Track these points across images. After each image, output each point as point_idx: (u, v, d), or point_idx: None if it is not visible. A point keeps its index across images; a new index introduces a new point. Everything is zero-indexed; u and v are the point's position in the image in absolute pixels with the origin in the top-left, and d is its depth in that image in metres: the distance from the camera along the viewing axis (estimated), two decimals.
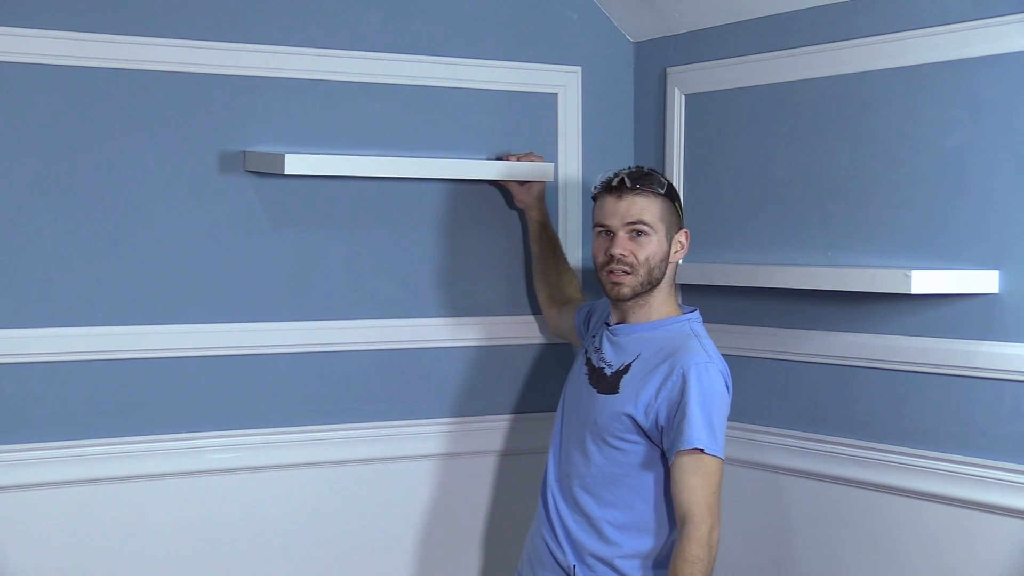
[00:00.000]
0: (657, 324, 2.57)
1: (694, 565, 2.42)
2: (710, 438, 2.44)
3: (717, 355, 2.54)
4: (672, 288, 2.62)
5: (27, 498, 2.64)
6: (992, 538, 2.47)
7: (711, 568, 2.46)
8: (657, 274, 2.55)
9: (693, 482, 2.44)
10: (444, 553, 3.07)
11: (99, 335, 2.67)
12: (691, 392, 2.45)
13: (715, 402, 2.47)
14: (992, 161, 2.44)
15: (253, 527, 2.85)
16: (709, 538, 2.43)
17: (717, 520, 2.46)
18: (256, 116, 2.79)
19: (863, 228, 2.66)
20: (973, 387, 2.49)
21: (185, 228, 2.74)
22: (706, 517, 2.44)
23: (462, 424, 3.04)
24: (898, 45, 2.58)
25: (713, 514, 2.45)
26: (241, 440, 2.82)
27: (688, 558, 2.42)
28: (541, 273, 3.01)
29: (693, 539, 2.43)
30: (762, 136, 2.88)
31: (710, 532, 2.44)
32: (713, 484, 2.45)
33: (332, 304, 2.89)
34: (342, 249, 2.90)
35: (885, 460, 2.64)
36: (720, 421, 2.48)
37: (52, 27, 2.59)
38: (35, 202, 2.61)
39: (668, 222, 2.56)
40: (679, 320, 2.58)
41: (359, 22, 2.90)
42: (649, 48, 3.17)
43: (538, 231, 3.00)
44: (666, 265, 2.57)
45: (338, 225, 2.90)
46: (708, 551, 2.43)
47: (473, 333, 3.05)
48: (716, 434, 2.45)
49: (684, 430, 2.43)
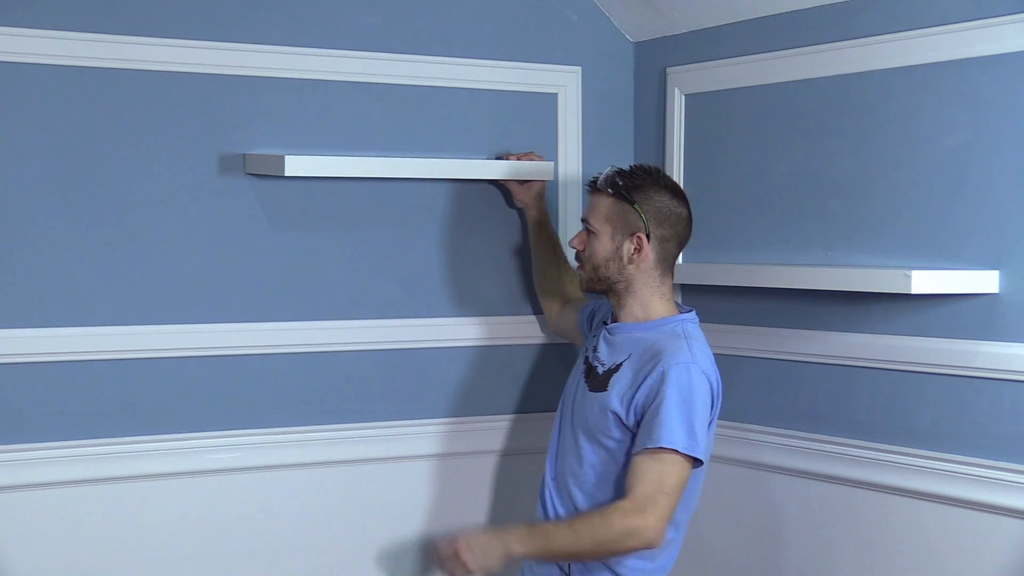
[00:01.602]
0: (651, 324, 2.56)
1: (597, 531, 2.39)
2: (688, 438, 2.40)
3: (705, 357, 2.50)
4: (662, 289, 2.56)
5: (27, 498, 2.64)
6: (992, 538, 2.47)
7: (609, 552, 2.42)
8: (604, 273, 2.55)
9: (652, 471, 2.39)
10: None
11: (99, 335, 2.67)
12: (668, 390, 2.41)
13: (694, 403, 2.42)
14: (992, 161, 2.44)
15: (253, 527, 2.85)
16: (636, 527, 2.37)
17: (659, 520, 2.38)
18: (256, 116, 2.79)
19: (863, 228, 2.66)
20: (973, 387, 2.49)
21: (185, 228, 2.74)
22: (647, 506, 2.38)
23: (462, 424, 3.04)
24: (898, 45, 2.58)
25: (658, 509, 2.38)
26: (241, 440, 2.82)
27: (598, 522, 2.39)
28: (541, 271, 3.01)
29: (623, 512, 2.38)
30: (762, 136, 2.88)
31: (643, 522, 2.37)
32: (673, 482, 2.40)
33: (332, 304, 2.89)
34: (342, 249, 2.90)
35: (885, 460, 2.64)
36: (700, 422, 2.42)
37: (52, 27, 2.59)
38: (35, 202, 2.61)
39: (615, 224, 2.54)
40: (672, 320, 2.55)
41: (359, 22, 2.90)
42: (649, 48, 3.17)
43: (537, 230, 3.00)
44: (619, 266, 2.54)
45: (338, 226, 2.89)
46: (624, 537, 2.38)
47: (473, 333, 3.04)
48: (695, 434, 2.41)
49: (655, 428, 2.40)
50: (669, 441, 2.38)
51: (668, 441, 2.38)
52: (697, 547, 3.08)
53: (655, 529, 2.39)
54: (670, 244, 2.56)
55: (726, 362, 2.97)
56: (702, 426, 2.43)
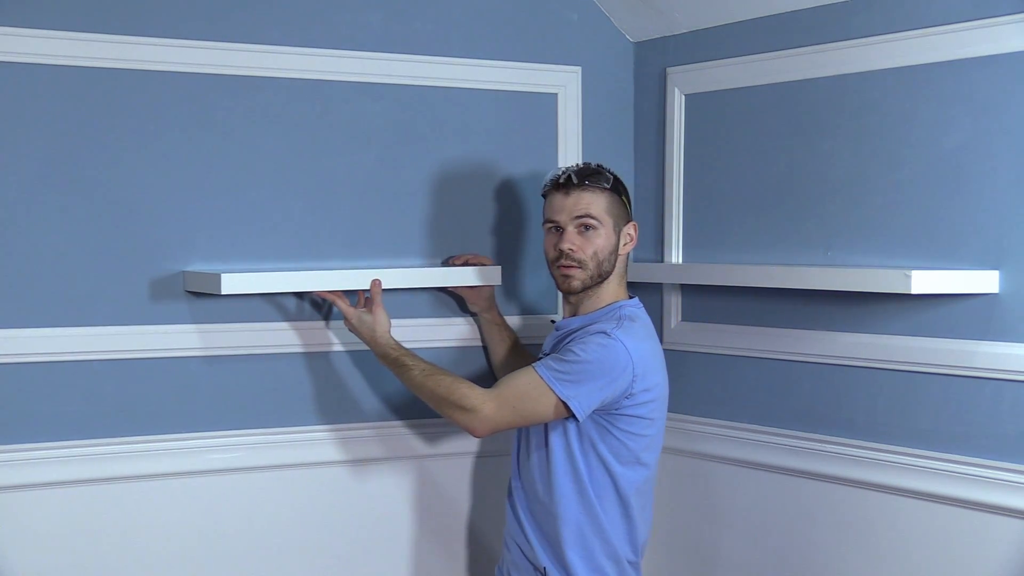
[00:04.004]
0: (599, 312, 2.61)
1: (443, 386, 2.54)
2: (562, 379, 2.46)
3: (633, 335, 2.53)
4: (622, 279, 2.66)
5: (27, 498, 2.64)
6: (992, 538, 2.47)
7: (438, 408, 2.56)
8: (607, 267, 2.61)
9: (522, 381, 2.49)
10: (446, 553, 3.07)
11: (99, 335, 2.67)
12: (576, 344, 2.49)
13: (591, 363, 2.46)
14: (991, 161, 2.44)
15: (253, 527, 2.85)
16: (472, 406, 2.49)
17: (492, 417, 2.49)
18: (257, 116, 2.79)
19: (862, 228, 2.66)
20: (973, 387, 2.49)
21: (185, 227, 2.74)
22: (496, 401, 2.49)
23: None
24: (898, 45, 2.58)
25: (499, 409, 2.49)
26: (241, 440, 2.82)
27: (448, 381, 2.54)
28: (502, 363, 2.98)
29: (472, 391, 2.51)
30: (762, 136, 2.88)
31: (481, 408, 2.49)
32: (528, 404, 2.48)
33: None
34: (343, 249, 2.90)
35: (885, 460, 2.64)
36: (589, 381, 2.46)
37: (52, 27, 2.59)
38: (35, 202, 2.61)
39: (615, 215, 2.62)
40: (614, 306, 2.61)
41: (359, 22, 2.90)
42: (649, 48, 3.17)
43: (495, 332, 2.98)
44: (615, 257, 2.62)
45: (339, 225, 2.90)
46: (456, 406, 2.51)
47: (470, 333, 3.04)
48: (576, 385, 2.45)
49: (548, 358, 2.52)
50: (545, 367, 2.48)
51: (544, 367, 2.48)
52: (696, 547, 3.08)
53: (483, 422, 2.50)
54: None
55: (726, 362, 2.98)
56: (589, 387, 2.46)
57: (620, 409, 2.52)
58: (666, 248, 3.10)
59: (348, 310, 2.73)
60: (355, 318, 2.72)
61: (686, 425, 3.04)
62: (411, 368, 2.62)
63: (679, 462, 3.07)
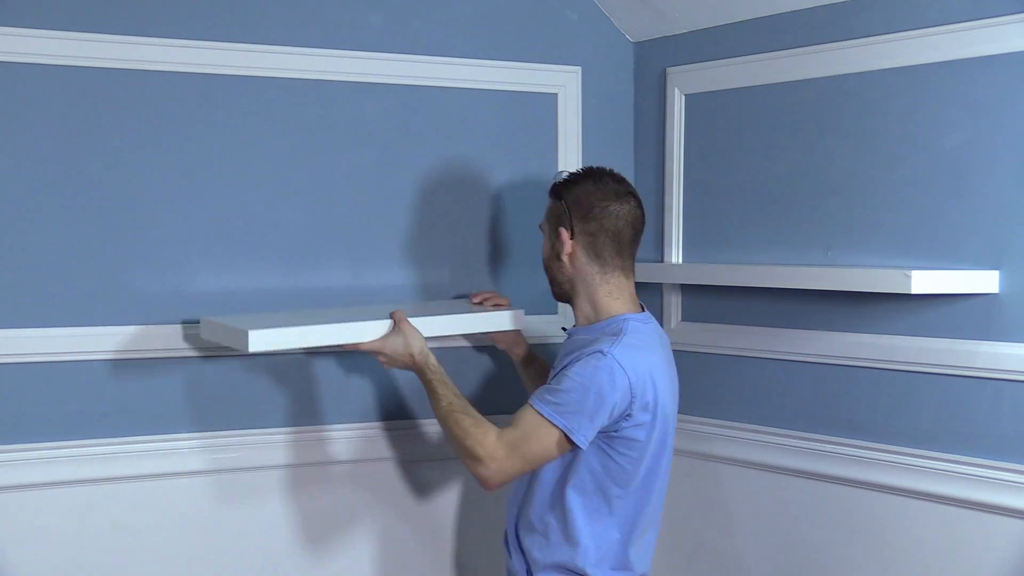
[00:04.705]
0: (597, 326, 2.49)
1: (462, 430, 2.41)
2: (561, 411, 2.35)
3: (630, 352, 2.38)
4: (606, 287, 2.49)
5: (27, 498, 2.64)
6: (992, 538, 2.47)
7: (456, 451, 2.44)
8: (551, 275, 2.55)
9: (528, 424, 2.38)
10: (448, 553, 3.07)
11: (99, 335, 2.67)
12: (573, 368, 2.37)
13: (588, 388, 2.34)
14: (991, 161, 2.44)
15: (253, 527, 2.85)
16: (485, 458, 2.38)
17: (501, 471, 2.39)
18: (256, 116, 2.79)
19: (862, 228, 2.66)
20: (973, 387, 2.49)
21: (185, 228, 2.74)
22: (507, 452, 2.39)
23: None
24: (898, 45, 2.58)
25: (508, 462, 2.38)
26: (241, 440, 2.82)
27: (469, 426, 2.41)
28: None
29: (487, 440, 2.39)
30: (762, 136, 2.88)
31: (492, 462, 2.39)
32: (534, 447, 2.38)
33: (333, 303, 2.88)
34: (343, 249, 2.90)
35: (885, 460, 2.64)
36: (588, 410, 2.34)
37: (52, 27, 2.60)
38: (35, 202, 2.61)
39: (551, 223, 2.53)
40: (617, 319, 2.47)
41: (359, 22, 2.90)
42: (649, 48, 3.17)
43: (525, 368, 2.91)
44: (559, 266, 2.52)
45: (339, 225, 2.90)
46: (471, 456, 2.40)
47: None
48: (575, 411, 2.34)
49: (543, 387, 2.41)
50: (542, 401, 2.37)
51: (540, 402, 2.37)
52: (695, 547, 3.08)
53: (494, 474, 2.40)
54: (599, 238, 2.47)
55: (726, 362, 2.98)
56: (581, 408, 2.35)
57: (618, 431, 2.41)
58: (666, 248, 3.10)
59: (375, 343, 2.55)
60: (386, 346, 2.55)
61: (686, 425, 3.04)
62: (440, 399, 2.49)
63: (679, 462, 3.06)
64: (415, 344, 2.55)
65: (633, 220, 2.50)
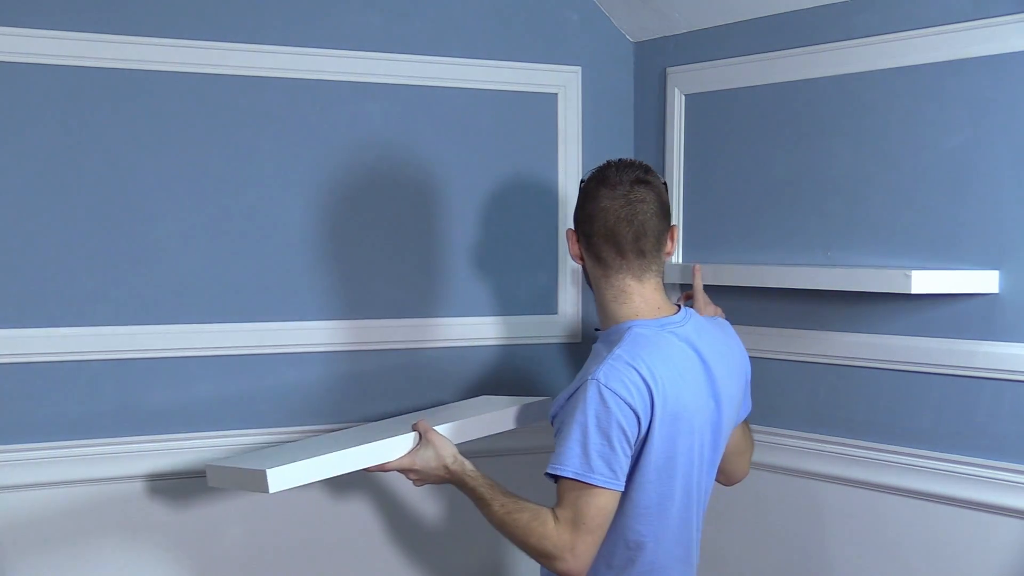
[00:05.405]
0: (604, 334, 2.31)
1: (523, 533, 2.19)
2: (593, 470, 2.14)
3: (617, 371, 2.15)
4: (611, 292, 2.29)
5: (27, 498, 2.64)
6: (992, 538, 2.47)
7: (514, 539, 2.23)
8: (586, 277, 2.34)
9: (571, 495, 2.16)
10: (450, 553, 3.07)
11: (99, 335, 2.67)
12: (576, 410, 2.16)
13: (587, 424, 2.14)
14: (992, 161, 2.44)
15: (252, 527, 2.85)
16: (558, 556, 2.16)
17: (580, 560, 2.16)
18: (256, 116, 2.79)
19: (863, 228, 2.66)
20: (973, 387, 2.49)
21: (185, 228, 2.74)
22: (573, 540, 2.15)
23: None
24: (898, 45, 2.58)
25: (582, 546, 2.15)
26: (241, 440, 2.82)
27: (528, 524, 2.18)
28: None
29: (549, 534, 2.16)
30: (762, 136, 2.88)
31: (568, 558, 2.16)
32: (591, 515, 2.15)
33: (332, 303, 2.89)
34: (343, 249, 2.90)
35: (885, 460, 2.64)
36: (595, 446, 2.14)
37: (52, 27, 2.60)
38: (35, 202, 2.61)
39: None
40: (619, 328, 2.26)
41: (359, 22, 2.90)
42: (649, 48, 3.17)
43: None
44: (581, 268, 2.36)
45: (339, 224, 2.90)
46: (542, 555, 2.18)
47: (476, 333, 3.04)
48: (590, 460, 2.14)
49: (555, 449, 2.19)
50: (568, 467, 2.15)
51: (566, 469, 2.15)
52: None
53: (575, 561, 2.17)
54: (594, 239, 2.26)
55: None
56: (598, 450, 2.15)
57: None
58: None
59: (403, 460, 2.37)
60: (416, 462, 2.37)
61: None
62: (489, 504, 2.27)
63: None
64: (446, 453, 2.35)
65: (629, 216, 2.23)
